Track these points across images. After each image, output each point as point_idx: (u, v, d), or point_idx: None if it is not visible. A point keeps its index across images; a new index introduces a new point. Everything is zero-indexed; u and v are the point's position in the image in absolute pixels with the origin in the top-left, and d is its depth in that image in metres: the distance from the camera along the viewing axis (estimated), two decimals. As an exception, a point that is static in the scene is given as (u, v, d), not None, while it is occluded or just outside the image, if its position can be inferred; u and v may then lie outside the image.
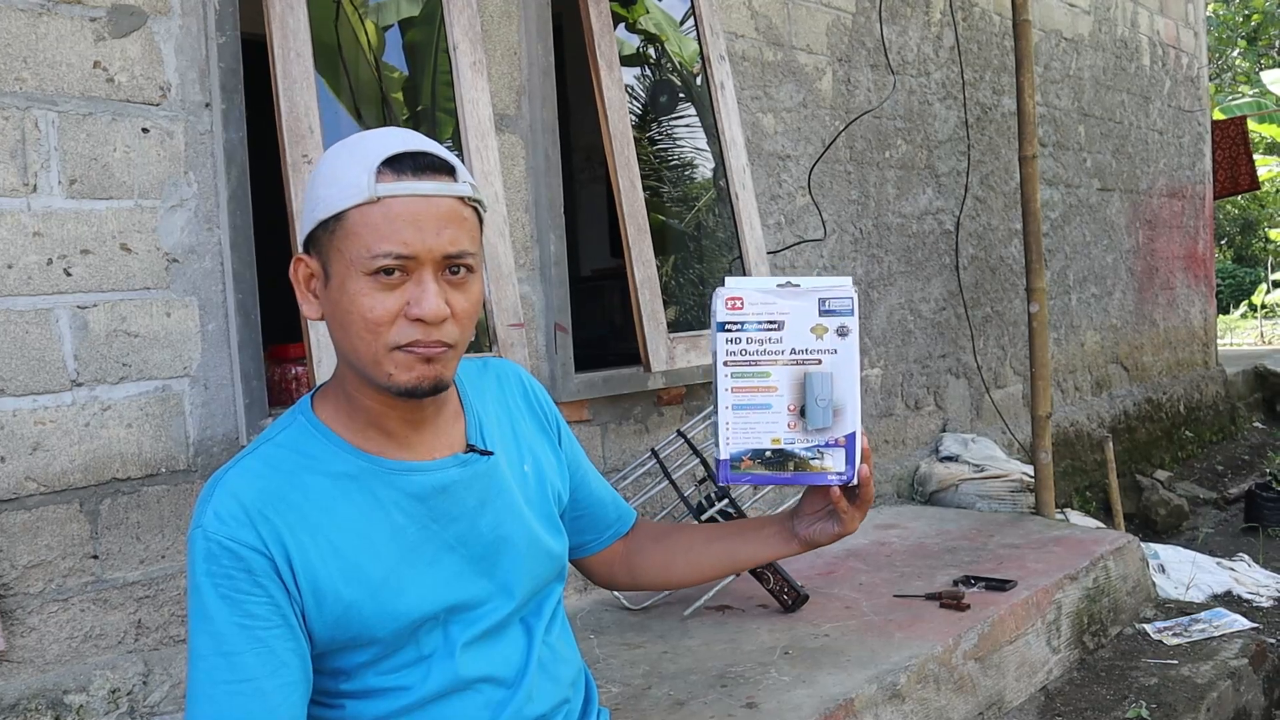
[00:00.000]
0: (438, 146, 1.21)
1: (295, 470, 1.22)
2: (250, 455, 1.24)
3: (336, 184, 1.16)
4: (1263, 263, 19.44)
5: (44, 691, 2.13)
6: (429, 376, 1.19)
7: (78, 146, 2.19)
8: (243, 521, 1.16)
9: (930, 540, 3.72)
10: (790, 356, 1.24)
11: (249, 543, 1.16)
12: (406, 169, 1.15)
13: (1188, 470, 6.85)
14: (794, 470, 1.25)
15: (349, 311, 1.16)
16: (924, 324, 4.77)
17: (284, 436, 1.26)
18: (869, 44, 4.47)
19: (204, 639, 1.15)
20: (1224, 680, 3.05)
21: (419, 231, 1.14)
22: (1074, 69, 6.08)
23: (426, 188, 1.15)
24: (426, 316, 1.15)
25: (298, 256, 1.24)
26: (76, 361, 2.18)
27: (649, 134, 4.43)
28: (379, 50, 2.95)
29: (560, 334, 3.15)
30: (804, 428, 1.25)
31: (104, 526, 2.23)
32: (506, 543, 1.32)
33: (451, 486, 1.28)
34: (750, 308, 1.24)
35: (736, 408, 1.25)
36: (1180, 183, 7.41)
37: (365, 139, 1.20)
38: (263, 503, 1.18)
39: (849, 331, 1.25)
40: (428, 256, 1.15)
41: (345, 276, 1.16)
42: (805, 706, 2.28)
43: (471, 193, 1.19)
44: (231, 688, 1.13)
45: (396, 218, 1.13)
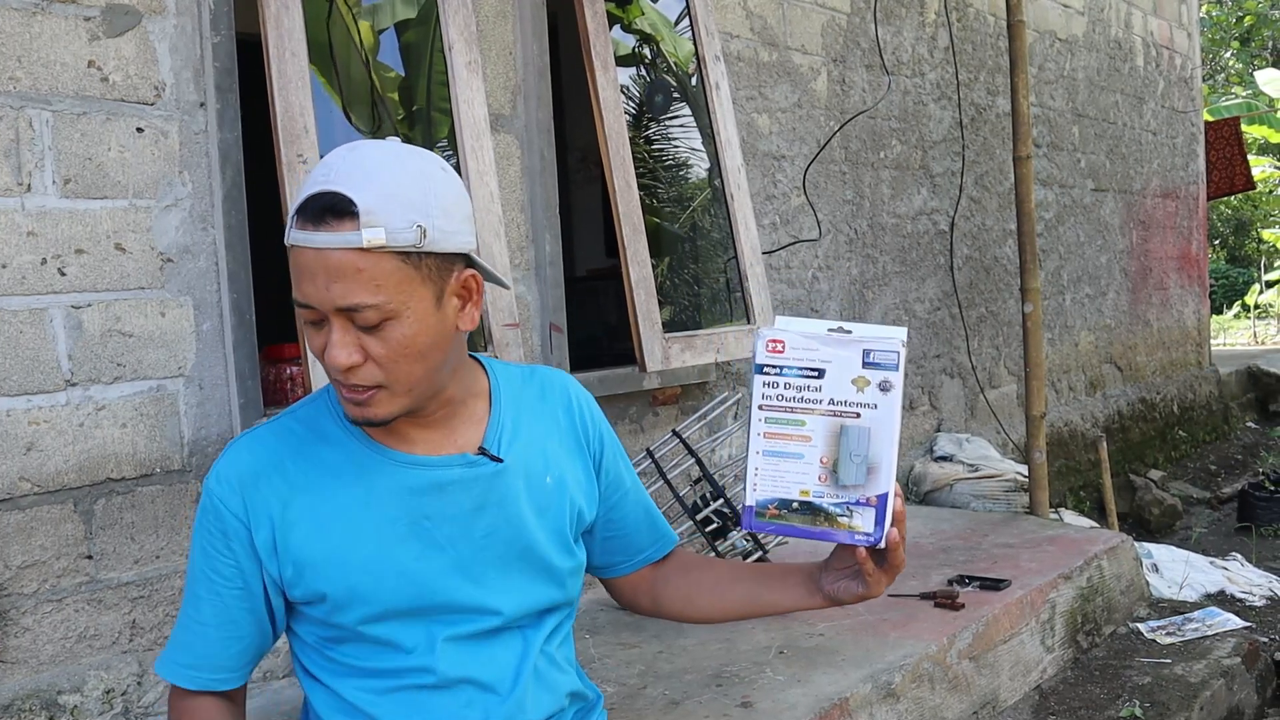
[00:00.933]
0: (362, 182, 1.13)
1: (302, 446, 1.28)
2: (268, 425, 1.32)
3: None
4: (1256, 263, 19.49)
5: (38, 692, 2.12)
6: (361, 417, 1.22)
7: (72, 146, 2.19)
8: (234, 488, 1.25)
9: (925, 540, 3.73)
10: (829, 407, 1.19)
11: (233, 509, 1.25)
12: (308, 216, 1.12)
13: (1181, 470, 6.87)
14: (821, 525, 1.21)
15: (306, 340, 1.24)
16: (919, 324, 4.78)
17: (303, 412, 1.32)
18: (864, 44, 4.48)
19: (189, 576, 1.32)
20: (1217, 679, 3.06)
21: (313, 284, 1.14)
22: (1068, 70, 6.10)
23: (318, 240, 1.12)
24: (330, 365, 1.17)
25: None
26: (71, 361, 2.18)
27: (645, 134, 4.43)
28: (373, 50, 2.95)
29: (555, 334, 3.15)
30: (835, 482, 1.20)
31: (98, 527, 2.23)
32: (499, 551, 1.31)
33: (449, 486, 1.28)
34: (791, 352, 1.19)
35: (767, 454, 1.20)
36: (1174, 183, 7.43)
37: (317, 168, 1.17)
38: (258, 474, 1.26)
39: (892, 387, 1.21)
40: (324, 308, 1.15)
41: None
42: (800, 706, 2.28)
43: (367, 243, 1.11)
44: (190, 625, 1.31)
45: (298, 268, 1.15)
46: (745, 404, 3.82)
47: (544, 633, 1.36)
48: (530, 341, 3.08)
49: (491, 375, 1.38)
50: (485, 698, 1.29)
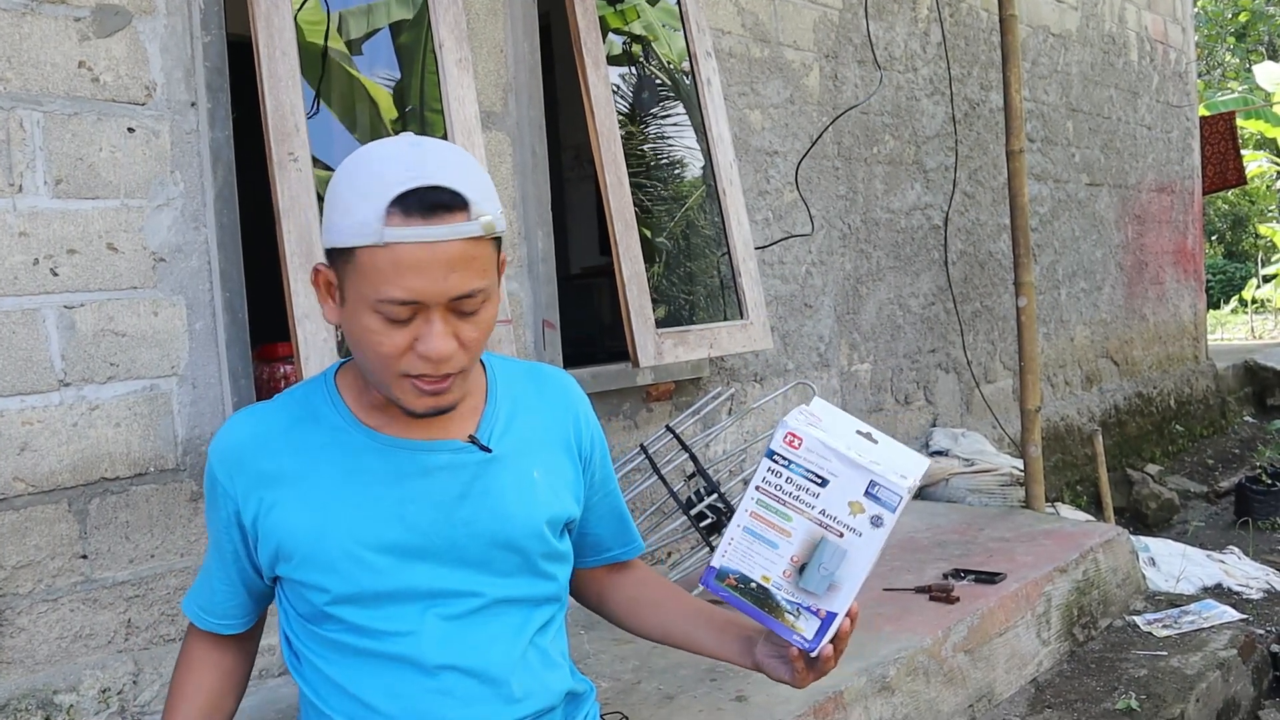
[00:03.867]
0: (457, 172, 1.16)
1: (294, 424, 1.31)
2: (268, 403, 1.36)
3: (349, 216, 1.14)
4: (1253, 258, 19.51)
5: (34, 691, 2.13)
6: (435, 406, 1.23)
7: (63, 146, 2.19)
8: (224, 461, 1.32)
9: (920, 534, 3.73)
10: (818, 516, 1.22)
11: (224, 482, 1.32)
12: (415, 210, 1.11)
13: (1178, 464, 6.87)
14: (768, 612, 1.24)
15: (361, 340, 1.19)
16: (913, 319, 4.79)
17: (300, 390, 1.36)
18: (856, 40, 4.48)
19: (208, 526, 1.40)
20: (1213, 671, 3.06)
21: (424, 278, 1.13)
22: (1062, 64, 6.10)
23: (434, 233, 1.12)
24: (433, 357, 1.16)
25: (318, 266, 1.24)
26: (64, 361, 2.18)
27: (639, 133, 4.44)
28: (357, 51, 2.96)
29: (549, 331, 3.16)
30: (796, 582, 1.22)
31: (93, 526, 2.23)
32: (479, 540, 1.31)
33: (435, 471, 1.29)
34: (805, 453, 1.21)
35: (747, 530, 1.23)
36: (1169, 178, 7.43)
37: (380, 161, 1.16)
38: (247, 450, 1.31)
39: (883, 524, 1.22)
40: (434, 301, 1.15)
41: (357, 306, 1.18)
42: (794, 699, 2.28)
43: (484, 230, 1.15)
44: (205, 572, 1.42)
45: (402, 264, 1.12)
46: (738, 401, 3.82)
47: (534, 625, 1.36)
48: (523, 338, 3.08)
49: (489, 368, 1.40)
50: (470, 684, 1.29)
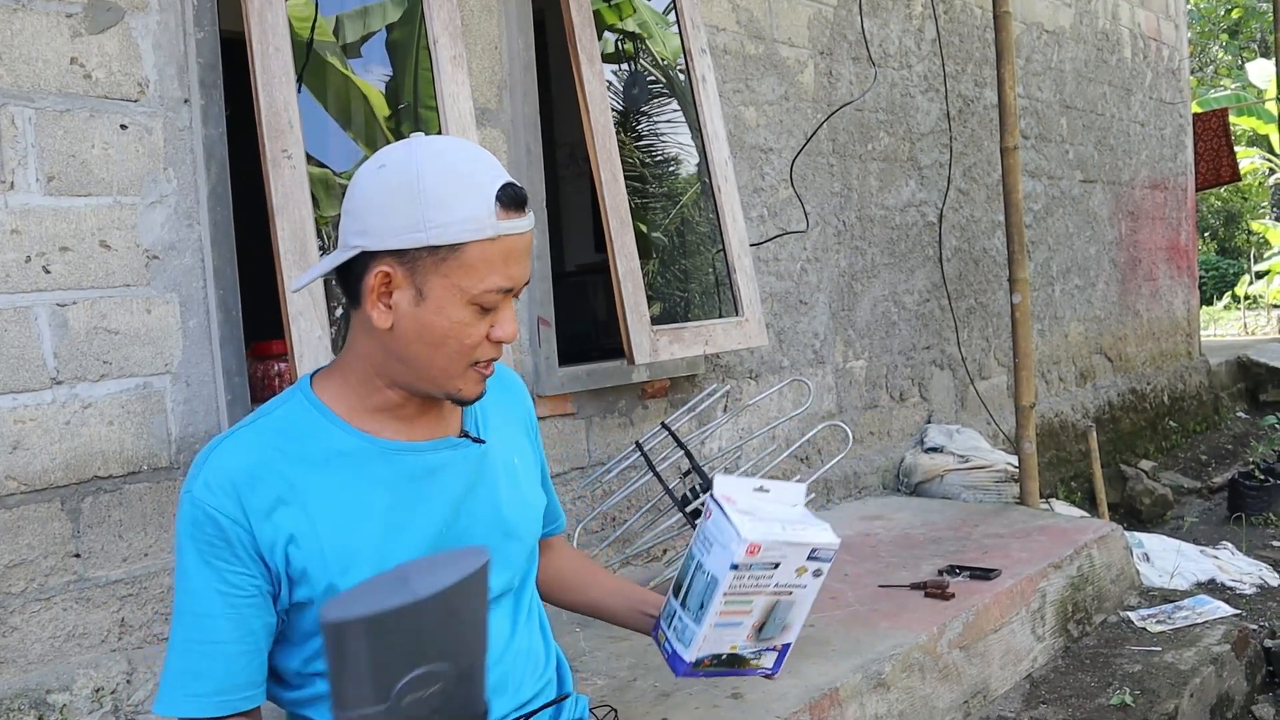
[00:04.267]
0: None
1: (288, 445, 1.26)
2: (245, 428, 1.28)
3: (451, 214, 1.19)
4: (1246, 254, 19.54)
5: (27, 691, 2.12)
6: (483, 390, 1.31)
7: (55, 143, 2.18)
8: (229, 493, 1.21)
9: (915, 531, 3.73)
10: (774, 589, 1.36)
11: (231, 515, 1.21)
12: (511, 205, 1.22)
13: (1172, 460, 6.89)
14: (736, 667, 1.42)
15: (447, 334, 1.23)
16: (908, 316, 4.79)
17: (280, 413, 1.30)
18: (850, 37, 4.48)
19: (184, 597, 1.23)
20: (1207, 666, 3.07)
21: (520, 266, 1.24)
22: (1055, 61, 6.11)
23: (525, 224, 1.24)
24: (508, 339, 1.26)
25: (380, 268, 1.22)
26: (56, 359, 2.17)
27: (634, 130, 4.43)
28: (355, 51, 2.95)
29: (544, 328, 3.15)
30: (756, 638, 1.40)
31: (86, 525, 2.22)
32: (484, 529, 1.34)
33: (440, 470, 1.31)
34: (763, 553, 1.32)
35: (718, 625, 1.35)
36: (1162, 174, 7.44)
37: (462, 163, 1.22)
38: (251, 476, 1.22)
39: (822, 574, 1.40)
40: (519, 286, 1.26)
41: (447, 301, 1.22)
42: (790, 696, 2.28)
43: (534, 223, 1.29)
44: (202, 648, 1.22)
45: (508, 253, 1.22)
46: (734, 398, 3.82)
47: (524, 611, 1.39)
48: (518, 336, 3.08)
49: None
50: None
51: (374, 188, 1.22)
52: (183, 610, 1.23)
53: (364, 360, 1.29)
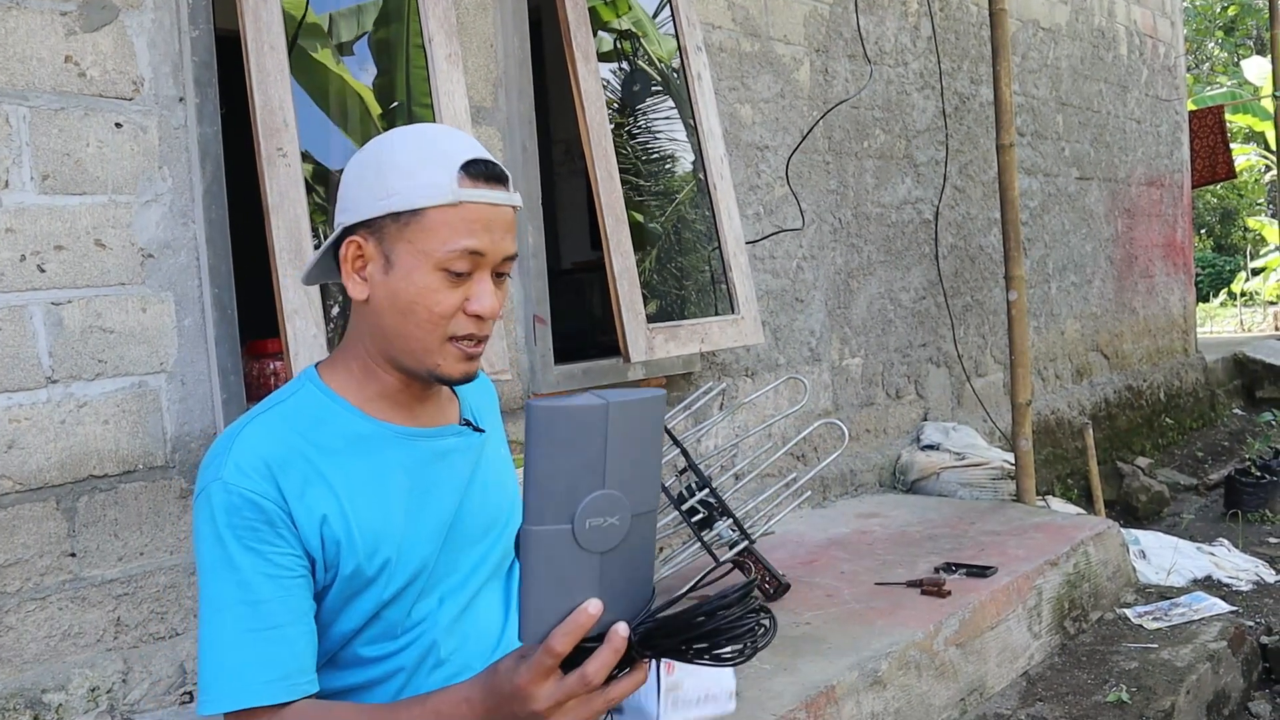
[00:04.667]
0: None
1: (308, 429, 1.26)
2: (264, 414, 1.28)
3: (415, 179, 1.22)
4: (1242, 251, 19.55)
5: (22, 691, 2.12)
6: (472, 371, 1.29)
7: (50, 142, 2.17)
8: (264, 474, 1.20)
9: (912, 528, 3.74)
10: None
11: (270, 495, 1.19)
12: (481, 176, 1.23)
13: (1168, 457, 6.89)
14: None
15: (414, 301, 1.23)
16: (904, 313, 4.79)
17: (293, 400, 1.30)
18: (846, 34, 4.48)
19: (229, 588, 1.18)
20: (1203, 663, 3.07)
21: (490, 235, 1.23)
22: (1051, 58, 6.11)
23: (497, 196, 1.24)
24: (485, 313, 1.24)
25: (352, 238, 1.26)
26: (51, 358, 2.17)
27: (629, 129, 4.42)
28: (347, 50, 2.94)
29: (539, 326, 3.15)
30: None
31: (81, 524, 2.22)
32: (486, 515, 1.37)
33: (449, 455, 1.33)
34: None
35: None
36: (1158, 171, 7.45)
37: (435, 137, 1.26)
38: (282, 457, 1.22)
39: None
40: (493, 258, 1.24)
41: (413, 268, 1.23)
42: (786, 694, 2.29)
43: (521, 204, 1.30)
44: (260, 635, 1.18)
45: (474, 220, 1.22)
46: (730, 396, 3.82)
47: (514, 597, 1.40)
48: (514, 334, 3.08)
49: None
50: (476, 668, 1.29)
51: (352, 168, 1.28)
52: (230, 602, 1.18)
53: (360, 344, 1.30)
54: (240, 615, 1.17)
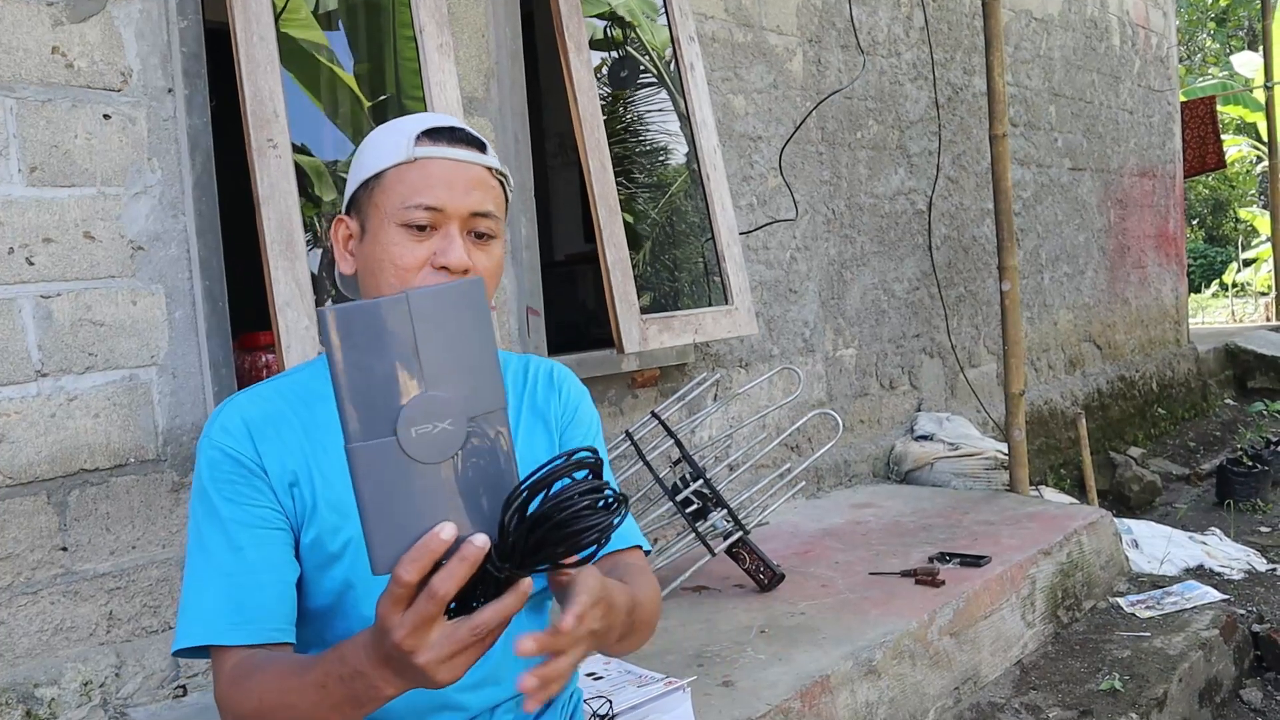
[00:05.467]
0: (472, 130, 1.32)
1: (300, 404, 1.29)
2: (266, 384, 1.32)
3: (377, 149, 1.28)
4: (1234, 242, 19.60)
5: (14, 685, 2.11)
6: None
7: (37, 134, 2.16)
8: (243, 433, 1.25)
9: (906, 518, 3.74)
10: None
11: (247, 453, 1.24)
12: (443, 138, 1.26)
13: (1160, 447, 6.91)
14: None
15: (380, 259, 1.25)
16: (897, 304, 4.79)
17: (298, 374, 1.34)
18: (839, 25, 4.47)
19: (209, 535, 1.22)
20: (1195, 651, 3.08)
21: (450, 189, 1.25)
22: (1044, 49, 6.10)
23: (459, 154, 1.26)
24: (451, 265, 1.23)
25: (339, 217, 1.33)
26: (41, 352, 2.16)
27: (623, 120, 4.41)
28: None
29: (533, 318, 3.14)
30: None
31: (73, 518, 2.21)
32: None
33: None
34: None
35: None
36: (1151, 162, 7.45)
37: (409, 118, 1.31)
38: (265, 423, 1.26)
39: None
40: (455, 213, 1.25)
41: (379, 228, 1.26)
42: (781, 684, 2.29)
43: (500, 165, 1.31)
44: (231, 579, 1.20)
45: (431, 176, 1.25)
46: (724, 386, 3.82)
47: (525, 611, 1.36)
48: (507, 325, 3.07)
49: None
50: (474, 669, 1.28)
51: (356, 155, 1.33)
52: (209, 547, 1.21)
53: None
54: (215, 561, 1.20)
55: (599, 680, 1.98)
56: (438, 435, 0.86)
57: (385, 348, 0.85)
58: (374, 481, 0.85)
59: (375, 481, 0.85)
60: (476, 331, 0.88)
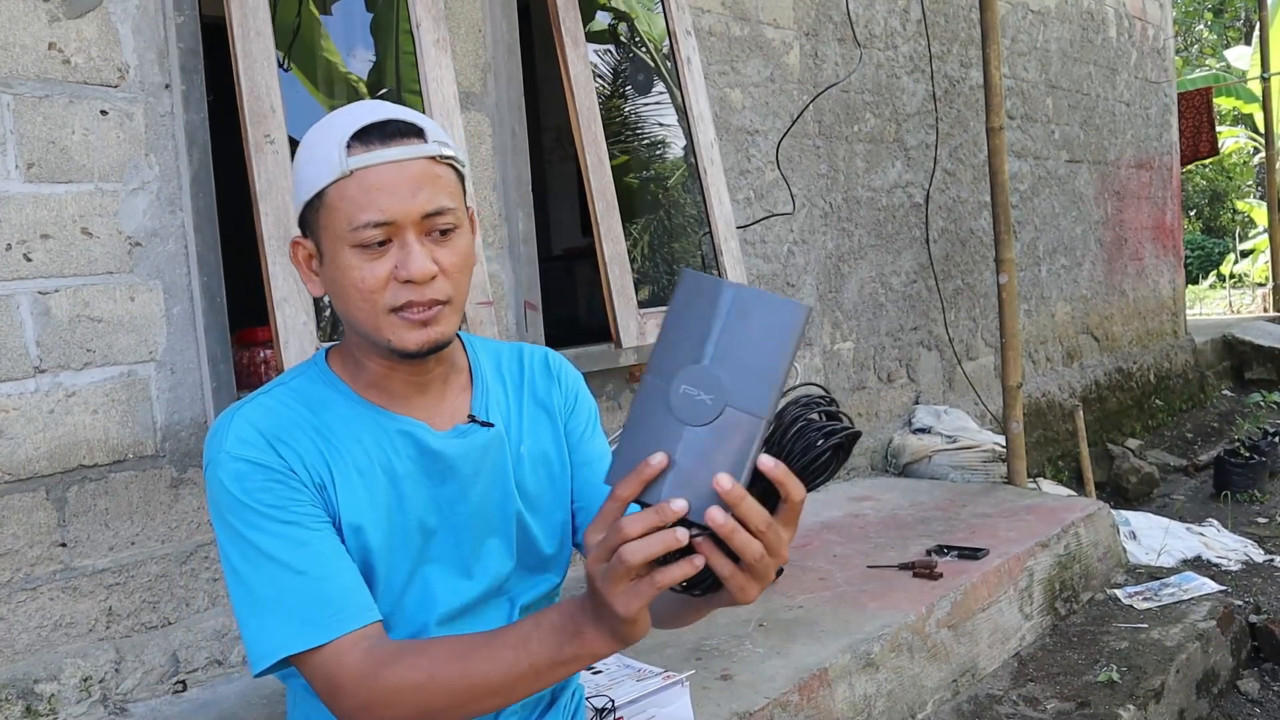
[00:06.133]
0: (407, 111, 1.23)
1: (307, 412, 1.26)
2: (264, 394, 1.27)
3: (313, 163, 1.20)
4: (1231, 233, 19.60)
5: (14, 681, 2.11)
6: (429, 339, 1.22)
7: (35, 130, 2.16)
8: (264, 445, 1.20)
9: (903, 511, 3.75)
10: None
11: (273, 460, 1.20)
12: (374, 139, 1.18)
13: (1158, 438, 6.92)
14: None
15: (342, 284, 1.20)
16: (895, 297, 4.79)
17: (297, 382, 1.29)
18: (836, 18, 4.47)
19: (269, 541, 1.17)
20: (1193, 642, 3.09)
21: (394, 197, 1.17)
22: (1041, 41, 6.10)
23: (395, 153, 1.17)
24: (414, 277, 1.17)
25: (295, 239, 1.26)
26: (39, 348, 2.16)
27: (621, 113, 4.41)
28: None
29: (530, 312, 3.14)
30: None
31: (71, 514, 2.21)
32: (492, 517, 1.31)
33: (450, 454, 1.29)
34: None
35: None
36: (1148, 154, 7.45)
37: (336, 115, 1.23)
38: (280, 431, 1.21)
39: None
40: (407, 219, 1.18)
41: (335, 251, 1.20)
42: (780, 677, 2.29)
43: (442, 150, 1.21)
44: (314, 573, 1.16)
45: (371, 187, 1.17)
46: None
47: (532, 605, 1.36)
48: (505, 319, 3.07)
49: (469, 347, 1.40)
50: None
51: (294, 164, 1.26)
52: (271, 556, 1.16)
53: (346, 329, 1.29)
54: (283, 565, 1.16)
55: (598, 675, 1.98)
56: (696, 402, 0.96)
57: (701, 318, 0.98)
58: (639, 412, 0.98)
59: (640, 411, 0.98)
60: (778, 345, 0.97)
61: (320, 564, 1.17)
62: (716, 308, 0.97)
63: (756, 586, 0.98)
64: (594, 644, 1.03)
